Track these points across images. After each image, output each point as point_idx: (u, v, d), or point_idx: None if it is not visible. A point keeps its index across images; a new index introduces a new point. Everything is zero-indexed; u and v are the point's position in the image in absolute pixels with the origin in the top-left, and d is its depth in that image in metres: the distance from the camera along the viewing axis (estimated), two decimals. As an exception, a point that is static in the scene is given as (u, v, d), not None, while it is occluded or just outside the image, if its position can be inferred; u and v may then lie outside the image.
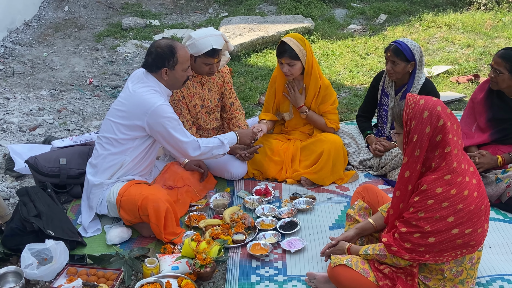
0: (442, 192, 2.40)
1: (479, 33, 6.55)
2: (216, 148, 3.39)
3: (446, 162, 2.42)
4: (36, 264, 2.91)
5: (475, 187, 2.46)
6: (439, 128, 2.40)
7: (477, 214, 2.45)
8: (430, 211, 2.42)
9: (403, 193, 2.54)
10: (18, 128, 4.61)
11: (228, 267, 3.03)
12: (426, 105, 2.43)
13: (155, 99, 3.20)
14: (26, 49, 6.47)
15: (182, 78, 3.32)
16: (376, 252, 2.61)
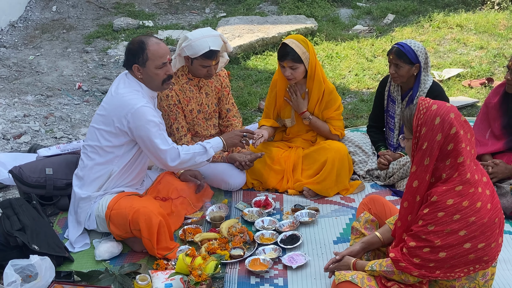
0: (454, 204, 2.39)
1: (492, 34, 6.57)
2: (199, 155, 3.33)
3: (459, 173, 2.40)
4: (20, 281, 2.90)
5: (488, 198, 2.45)
6: (451, 137, 2.39)
7: (490, 227, 2.44)
8: (441, 224, 2.40)
9: (411, 204, 2.53)
10: (1, 136, 4.62)
11: (225, 284, 3.02)
12: (438, 111, 2.41)
13: (135, 100, 3.18)
14: (11, 51, 6.49)
15: (157, 76, 3.24)
16: (383, 268, 2.59)
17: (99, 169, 3.28)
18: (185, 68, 3.75)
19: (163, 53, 3.21)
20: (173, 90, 3.69)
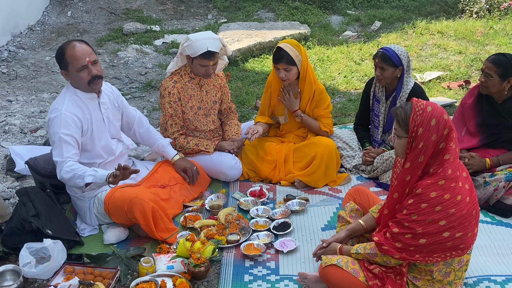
0: (436, 197, 2.40)
1: (470, 40, 6.57)
2: (78, 178, 2.97)
3: (443, 169, 2.42)
4: (34, 263, 2.92)
5: (467, 192, 2.46)
6: (444, 137, 2.40)
7: (468, 218, 2.45)
8: (423, 214, 2.42)
9: (400, 195, 2.54)
10: (19, 130, 4.62)
11: (222, 266, 3.03)
12: (433, 112, 2.41)
13: (55, 106, 3.13)
14: (29, 53, 6.48)
15: (80, 78, 3.08)
16: (367, 251, 2.60)
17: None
18: (187, 67, 3.75)
19: (80, 56, 3.04)
20: (175, 88, 3.69)
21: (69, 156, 3.06)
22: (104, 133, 3.29)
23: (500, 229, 3.26)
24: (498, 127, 3.48)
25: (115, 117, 3.41)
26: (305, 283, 2.85)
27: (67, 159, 3.04)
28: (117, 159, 3.37)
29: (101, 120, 3.27)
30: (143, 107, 5.14)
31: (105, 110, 3.30)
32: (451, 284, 2.59)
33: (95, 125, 3.22)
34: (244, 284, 2.89)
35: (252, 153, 3.90)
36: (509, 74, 3.36)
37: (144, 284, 2.79)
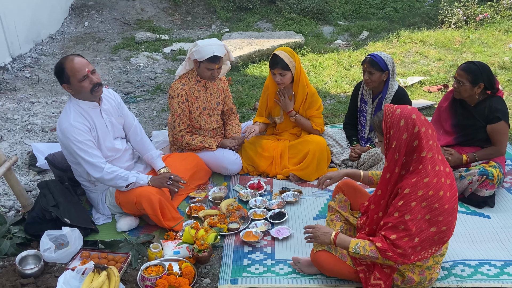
0: (423, 194, 2.37)
1: (449, 48, 6.56)
2: (121, 179, 3.11)
3: (423, 165, 2.38)
4: (54, 248, 2.93)
5: (448, 187, 2.44)
6: (415, 134, 2.38)
7: (451, 213, 2.43)
8: (414, 213, 2.38)
9: (383, 192, 2.52)
10: (41, 129, 4.62)
11: (223, 252, 3.04)
12: (402, 114, 2.40)
13: (63, 119, 3.09)
14: (50, 59, 6.47)
15: (83, 88, 3.03)
16: (367, 253, 2.46)
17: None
18: (194, 72, 3.75)
19: (80, 67, 3.00)
20: (183, 90, 3.69)
21: (99, 157, 3.11)
22: (108, 136, 3.26)
23: (474, 218, 3.27)
24: (472, 127, 3.48)
25: (118, 121, 3.36)
26: (298, 267, 2.86)
27: (101, 162, 3.09)
28: (122, 155, 3.37)
29: (104, 125, 3.23)
30: (152, 108, 5.14)
31: (107, 116, 3.25)
32: (429, 269, 2.59)
33: (99, 130, 3.20)
34: (243, 267, 2.89)
35: (251, 150, 3.91)
36: (479, 80, 3.36)
37: (153, 267, 2.80)
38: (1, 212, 3.31)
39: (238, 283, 2.76)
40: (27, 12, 6.48)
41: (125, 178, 3.12)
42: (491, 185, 3.32)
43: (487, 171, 3.31)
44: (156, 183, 3.21)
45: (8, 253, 2.96)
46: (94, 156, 3.08)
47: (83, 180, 3.31)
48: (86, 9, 8.11)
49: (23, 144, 4.35)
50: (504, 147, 3.45)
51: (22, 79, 5.81)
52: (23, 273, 2.77)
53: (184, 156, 3.72)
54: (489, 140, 3.46)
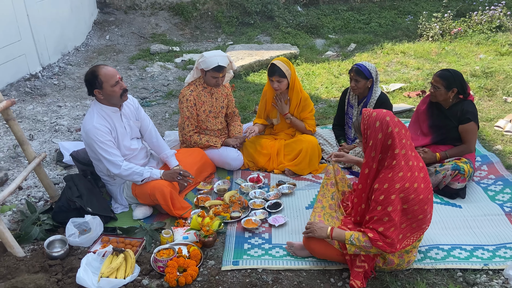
0: (400, 187, 2.37)
1: (427, 58, 6.55)
2: (136, 175, 3.12)
3: (397, 161, 2.38)
4: (78, 234, 2.94)
5: (422, 180, 2.44)
6: (389, 134, 2.38)
7: (426, 202, 2.43)
8: (395, 204, 2.38)
9: (364, 186, 2.52)
10: (67, 129, 4.63)
11: (227, 237, 3.04)
12: (377, 116, 2.41)
13: (87, 121, 3.08)
14: (75, 68, 6.48)
15: (114, 93, 3.05)
16: (362, 244, 2.44)
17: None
18: (201, 79, 3.75)
19: (113, 74, 3.03)
20: (192, 95, 3.70)
21: (118, 155, 3.11)
22: (126, 137, 3.27)
23: (447, 208, 3.27)
24: (446, 127, 3.48)
25: (135, 124, 3.36)
26: (292, 250, 2.86)
27: (119, 160, 3.10)
28: (138, 153, 3.38)
29: (123, 128, 3.24)
30: (165, 111, 5.15)
31: (126, 119, 3.26)
32: (408, 252, 2.59)
33: (119, 132, 3.20)
34: (244, 251, 2.90)
35: (251, 148, 3.91)
36: (452, 85, 3.36)
37: (165, 250, 2.81)
38: (32, 202, 3.32)
39: (239, 264, 2.76)
40: (56, 27, 6.49)
41: (140, 174, 3.13)
42: (462, 179, 3.31)
43: (459, 166, 3.31)
44: (168, 178, 3.22)
45: (37, 238, 2.98)
46: (113, 155, 3.09)
47: (103, 174, 3.32)
48: (107, 24, 8.12)
49: (51, 142, 4.36)
50: (473, 145, 3.45)
51: (51, 85, 5.82)
52: (51, 255, 2.78)
53: (191, 151, 3.72)
54: (461, 139, 3.46)
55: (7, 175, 3.71)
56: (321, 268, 2.72)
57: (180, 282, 2.59)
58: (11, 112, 3.05)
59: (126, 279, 2.59)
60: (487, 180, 3.57)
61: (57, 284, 2.57)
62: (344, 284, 2.59)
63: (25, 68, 5.82)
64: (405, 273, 2.65)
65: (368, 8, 8.94)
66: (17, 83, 5.65)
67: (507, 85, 5.32)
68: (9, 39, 5.47)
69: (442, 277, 2.63)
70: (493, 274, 2.65)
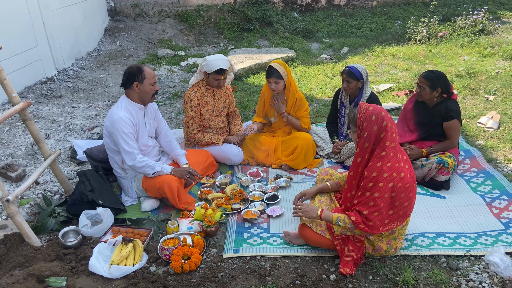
0: (388, 176, 2.38)
1: (414, 60, 6.53)
2: (149, 168, 3.14)
3: (386, 152, 2.40)
4: (90, 225, 2.95)
5: (407, 170, 2.45)
6: (383, 128, 2.39)
7: (411, 190, 2.44)
8: (382, 191, 2.39)
9: (355, 173, 2.53)
10: (80, 128, 4.63)
11: (228, 227, 3.05)
12: (374, 110, 2.42)
13: (114, 112, 3.09)
14: (88, 72, 6.48)
15: (150, 90, 3.13)
16: (347, 225, 2.49)
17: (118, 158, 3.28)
18: (204, 81, 3.75)
19: (154, 75, 3.15)
20: (195, 96, 3.69)
21: (135, 148, 3.12)
22: (144, 134, 3.29)
23: (432, 199, 3.27)
24: (431, 125, 3.47)
25: (153, 124, 3.40)
26: (288, 239, 2.87)
27: (136, 152, 3.10)
28: (152, 150, 3.39)
29: (144, 125, 3.27)
30: (171, 111, 5.15)
31: (147, 118, 3.30)
32: (395, 239, 2.59)
33: (140, 128, 3.23)
34: (243, 240, 2.90)
35: (251, 144, 3.91)
36: (436, 86, 3.36)
37: (170, 240, 2.82)
38: (47, 196, 3.33)
39: (240, 252, 2.77)
40: (70, 34, 6.49)
41: (152, 167, 3.14)
42: (446, 172, 3.31)
43: (443, 160, 3.31)
44: (177, 174, 3.23)
45: (53, 229, 2.99)
46: (131, 146, 3.11)
47: (117, 167, 3.32)
48: (117, 31, 8.11)
49: (66, 141, 4.37)
50: (456, 140, 3.44)
51: (66, 88, 5.82)
52: (65, 245, 2.79)
53: (198, 152, 3.73)
54: (445, 135, 3.45)
55: (25, 171, 3.72)
56: (315, 255, 2.72)
57: (184, 269, 2.60)
58: (28, 113, 3.06)
59: (135, 266, 2.60)
60: (470, 172, 3.56)
61: (71, 271, 2.58)
62: (336, 270, 2.60)
63: (41, 72, 5.82)
64: (393, 259, 2.65)
65: (360, 14, 8.91)
66: (34, 86, 5.66)
67: (489, 85, 5.30)
68: (27, 45, 5.47)
69: (427, 262, 2.63)
70: (475, 259, 2.65)
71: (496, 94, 5.07)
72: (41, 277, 2.50)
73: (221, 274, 2.59)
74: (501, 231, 2.85)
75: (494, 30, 7.36)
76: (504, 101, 4.87)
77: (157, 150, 3.50)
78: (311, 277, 2.53)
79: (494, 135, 4.17)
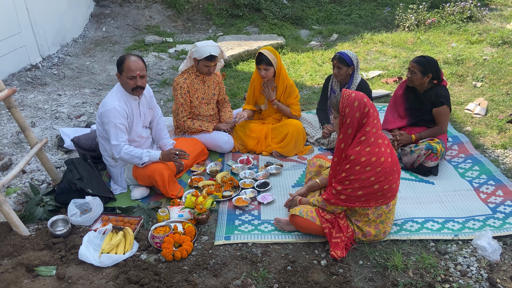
0: (365, 160, 2.42)
1: (403, 47, 6.54)
2: (136, 158, 3.09)
3: (366, 138, 2.43)
4: (79, 214, 2.92)
5: (388, 155, 2.48)
6: (365, 114, 2.41)
7: (391, 174, 2.47)
8: (358, 174, 2.44)
9: (339, 159, 2.55)
10: (67, 116, 4.55)
11: (219, 214, 3.05)
12: (356, 97, 2.43)
13: (109, 101, 3.04)
14: (74, 59, 6.35)
15: (127, 84, 3.03)
16: (320, 204, 2.65)
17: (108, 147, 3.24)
18: (194, 68, 3.70)
19: (134, 69, 2.99)
20: (185, 83, 3.65)
21: (124, 140, 3.07)
22: (139, 124, 3.25)
23: (421, 184, 3.30)
24: (420, 110, 3.49)
25: (149, 113, 3.35)
26: (279, 226, 2.88)
27: (122, 143, 3.05)
28: (145, 142, 3.36)
29: (138, 115, 3.22)
30: (160, 99, 5.09)
31: (142, 108, 3.25)
32: (383, 223, 2.62)
33: (135, 118, 3.18)
34: (235, 227, 2.91)
35: (241, 132, 3.89)
36: (427, 71, 3.37)
37: (161, 228, 2.80)
38: (35, 185, 3.28)
39: (231, 239, 2.77)
40: (54, 19, 6.33)
41: (139, 157, 3.10)
42: (435, 158, 3.34)
43: (432, 146, 3.33)
44: (165, 158, 3.18)
45: (41, 218, 2.95)
46: (119, 138, 3.04)
47: (107, 155, 3.27)
48: (103, 17, 7.94)
49: (52, 129, 4.29)
50: (445, 126, 3.47)
51: (51, 75, 5.70)
52: (54, 234, 2.76)
53: (188, 140, 3.70)
54: (434, 121, 3.48)
55: (11, 160, 3.65)
56: (306, 241, 2.74)
57: (176, 256, 2.59)
58: (13, 100, 2.98)
59: (126, 255, 2.58)
60: (458, 158, 3.60)
61: (60, 260, 2.56)
62: (327, 255, 2.62)
63: (25, 59, 5.68)
64: (382, 244, 2.68)
65: (349, 1, 8.87)
66: (19, 73, 5.52)
67: (477, 72, 5.35)
68: (10, 31, 5.32)
69: (416, 247, 2.67)
70: (463, 244, 2.69)
71: (483, 81, 5.11)
72: (30, 266, 2.47)
73: (212, 261, 2.59)
74: (488, 216, 2.90)
75: (482, 17, 7.39)
76: (492, 88, 4.92)
77: (150, 141, 3.46)
78: (302, 262, 2.55)
79: (481, 121, 4.22)
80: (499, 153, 3.65)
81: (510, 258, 2.57)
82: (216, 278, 2.46)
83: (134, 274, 2.40)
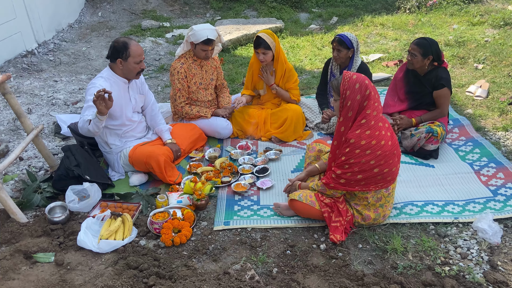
0: (366, 144, 2.39)
1: (404, 30, 6.46)
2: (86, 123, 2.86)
3: (366, 121, 2.40)
4: (77, 200, 2.92)
5: (388, 138, 2.46)
6: (366, 96, 2.38)
7: (391, 157, 2.45)
8: (358, 157, 2.42)
9: (339, 142, 2.53)
10: (63, 103, 4.52)
11: (218, 200, 3.04)
12: (357, 79, 2.40)
13: (95, 79, 3.03)
14: (69, 44, 6.28)
15: (134, 69, 3.05)
16: (319, 188, 2.65)
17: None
18: (191, 52, 3.65)
19: (140, 53, 3.03)
20: (182, 68, 3.60)
21: (87, 115, 2.91)
22: (129, 108, 3.21)
23: (421, 168, 3.29)
24: (421, 93, 3.46)
25: (140, 99, 3.32)
26: (278, 210, 2.88)
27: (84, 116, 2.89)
28: (137, 126, 3.32)
29: (128, 99, 3.18)
30: (157, 85, 5.04)
31: (132, 92, 3.22)
32: (382, 206, 2.62)
33: (123, 102, 3.13)
34: (234, 212, 2.91)
35: (240, 117, 3.86)
36: (428, 53, 3.32)
37: (160, 214, 2.81)
38: (32, 172, 3.26)
39: (230, 224, 2.77)
40: (49, 4, 6.24)
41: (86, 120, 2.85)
42: (435, 141, 3.32)
43: (433, 129, 3.31)
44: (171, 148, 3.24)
45: (39, 204, 2.95)
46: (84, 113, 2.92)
47: (101, 141, 3.27)
48: (99, 1, 7.82)
49: (49, 115, 4.26)
50: (446, 109, 3.44)
51: (47, 61, 5.64)
52: (52, 220, 2.76)
53: (186, 126, 3.67)
54: (435, 104, 3.44)
55: (8, 147, 3.63)
56: (305, 225, 2.74)
57: (175, 242, 2.60)
58: (8, 86, 2.95)
59: (125, 241, 2.59)
60: (458, 141, 3.58)
61: (59, 246, 2.56)
62: (326, 239, 2.62)
63: (21, 45, 5.61)
64: (382, 228, 2.68)
65: (349, -17, 8.72)
66: (14, 59, 5.47)
67: (478, 53, 5.29)
68: (5, 17, 5.25)
69: (416, 230, 2.67)
70: (463, 226, 2.69)
71: (485, 63, 5.06)
72: (29, 253, 2.47)
73: (212, 246, 2.59)
74: (489, 198, 2.89)
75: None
76: (493, 70, 4.87)
77: (144, 126, 3.42)
78: (301, 247, 2.55)
79: (482, 103, 4.18)
80: (500, 136, 3.63)
81: (511, 240, 2.56)
82: (216, 263, 2.46)
83: (133, 260, 2.41)
